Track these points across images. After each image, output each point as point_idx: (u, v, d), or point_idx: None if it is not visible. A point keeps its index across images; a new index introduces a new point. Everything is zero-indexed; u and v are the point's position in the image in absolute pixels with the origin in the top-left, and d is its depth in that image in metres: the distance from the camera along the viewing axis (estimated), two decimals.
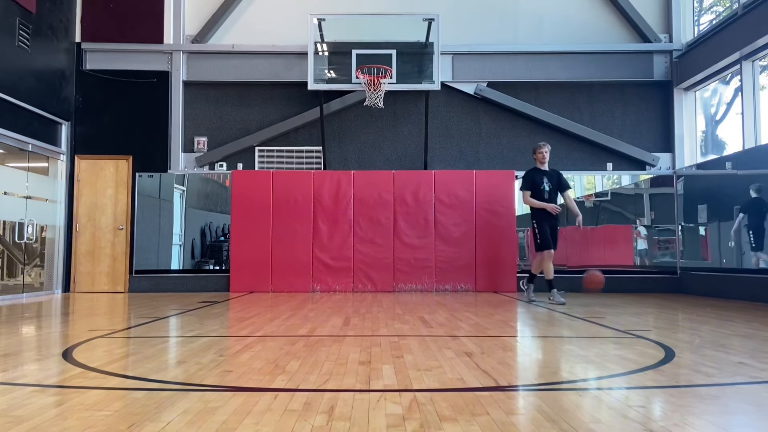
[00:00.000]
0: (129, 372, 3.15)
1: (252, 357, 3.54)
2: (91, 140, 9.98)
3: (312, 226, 9.67)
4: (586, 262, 10.01)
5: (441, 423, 2.16)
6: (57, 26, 9.54)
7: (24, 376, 3.03)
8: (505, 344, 4.16)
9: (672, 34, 10.19)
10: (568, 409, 2.36)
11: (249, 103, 10.32)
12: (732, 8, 8.99)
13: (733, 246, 8.28)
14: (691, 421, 2.20)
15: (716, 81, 9.61)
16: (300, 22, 9.83)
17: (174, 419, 2.21)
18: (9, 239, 8.57)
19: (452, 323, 5.30)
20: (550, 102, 10.28)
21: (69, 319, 5.93)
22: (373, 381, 2.87)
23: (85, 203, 9.90)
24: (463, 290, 9.58)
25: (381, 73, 9.36)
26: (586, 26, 10.34)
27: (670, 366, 3.27)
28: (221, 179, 10.06)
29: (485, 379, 2.91)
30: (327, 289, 9.55)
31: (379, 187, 9.69)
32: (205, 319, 5.76)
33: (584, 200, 10.31)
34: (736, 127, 8.90)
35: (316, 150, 10.16)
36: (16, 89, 8.44)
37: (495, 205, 9.73)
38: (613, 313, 6.20)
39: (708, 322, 5.49)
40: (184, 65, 10.18)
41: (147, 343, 4.21)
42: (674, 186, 9.91)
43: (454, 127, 10.31)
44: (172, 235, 9.98)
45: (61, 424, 2.15)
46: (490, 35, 10.31)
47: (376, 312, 6.32)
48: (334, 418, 2.23)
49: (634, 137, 10.23)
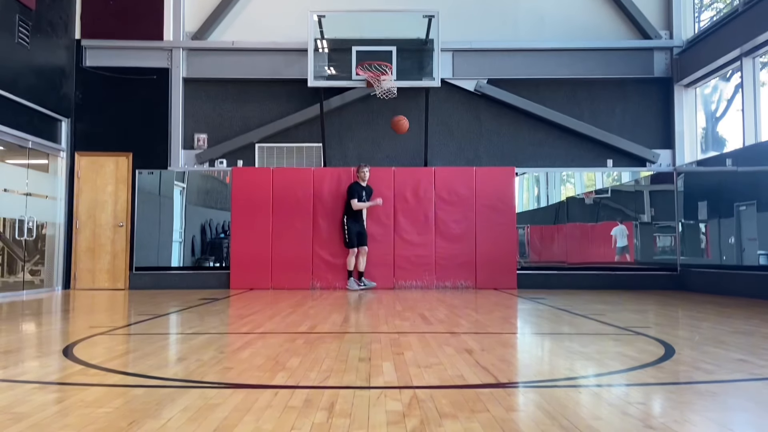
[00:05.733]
0: (129, 369, 3.15)
1: (252, 354, 3.54)
2: (91, 137, 9.97)
3: (312, 222, 9.67)
4: (585, 259, 10.02)
5: (441, 420, 2.17)
6: (57, 23, 9.53)
7: (24, 373, 3.03)
8: (505, 341, 4.16)
9: (672, 31, 10.17)
10: (567, 406, 2.37)
11: (249, 100, 10.31)
12: (732, 5, 8.97)
13: (733, 242, 8.28)
14: (690, 418, 2.20)
15: (717, 78, 9.60)
16: (300, 18, 9.81)
17: (174, 416, 2.22)
18: (9, 236, 8.57)
19: (452, 320, 5.30)
20: (551, 99, 10.27)
21: (69, 316, 5.93)
22: (374, 378, 2.87)
23: (85, 200, 9.90)
24: (463, 287, 9.59)
25: (381, 69, 9.35)
26: (587, 23, 10.32)
27: (670, 363, 3.28)
28: (221, 176, 10.05)
29: (485, 376, 2.91)
30: (327, 286, 9.55)
31: (380, 184, 9.69)
32: (206, 316, 5.76)
33: (584, 197, 10.31)
34: (737, 123, 8.89)
35: (317, 147, 10.15)
36: (15, 86, 8.43)
37: (495, 201, 9.73)
38: (613, 310, 6.20)
39: (708, 318, 5.49)
40: (184, 62, 10.16)
41: (147, 340, 4.21)
42: (674, 183, 9.90)
43: (455, 123, 10.30)
44: (173, 232, 9.98)
45: (61, 421, 2.15)
46: (491, 32, 10.29)
47: (376, 309, 6.33)
48: (334, 414, 2.24)
49: (634, 134, 10.22)
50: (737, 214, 8.27)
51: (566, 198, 10.44)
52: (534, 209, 10.50)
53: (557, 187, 10.59)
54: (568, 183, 10.61)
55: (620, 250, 9.98)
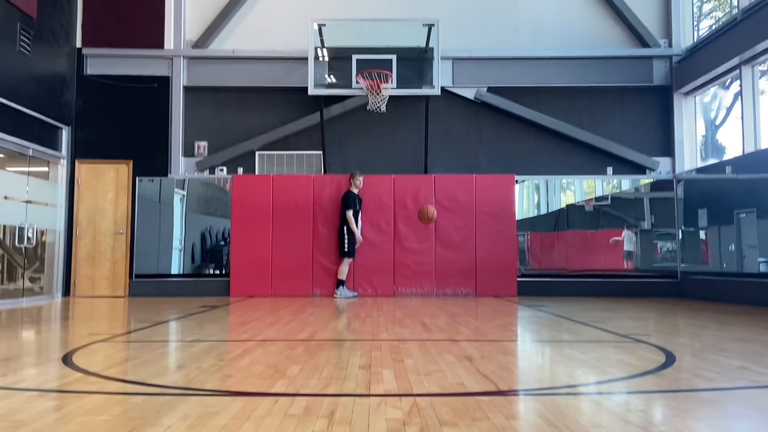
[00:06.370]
0: (129, 376, 3.14)
1: (252, 361, 3.54)
2: (92, 145, 9.98)
3: (312, 230, 9.67)
4: (585, 266, 10.02)
5: (441, 428, 2.16)
6: (58, 31, 9.57)
7: (24, 381, 3.03)
8: (506, 348, 4.16)
9: (672, 39, 10.21)
10: (568, 414, 2.36)
11: (249, 108, 10.33)
12: (731, 13, 9.01)
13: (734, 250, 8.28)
14: (691, 426, 2.19)
15: (716, 86, 9.63)
16: (300, 27, 9.85)
17: (174, 424, 2.21)
18: (9, 243, 8.57)
19: (452, 327, 5.29)
20: (551, 107, 10.29)
21: (69, 323, 5.92)
22: (374, 385, 2.87)
23: (85, 207, 9.90)
24: (463, 294, 9.57)
25: (381, 78, 9.38)
26: (586, 31, 10.36)
27: (671, 370, 3.27)
28: (221, 183, 10.06)
29: (486, 384, 2.90)
30: (327, 294, 9.54)
31: (380, 192, 9.70)
32: (205, 323, 5.75)
33: (584, 204, 10.32)
34: (736, 131, 8.90)
35: (317, 154, 10.16)
36: (17, 94, 8.45)
37: (495, 209, 9.73)
38: (614, 318, 6.19)
39: (708, 326, 5.48)
40: (184, 70, 10.20)
41: (147, 348, 4.20)
42: (674, 190, 9.91)
43: (455, 131, 10.32)
44: (173, 240, 9.98)
45: (60, 429, 2.15)
46: (491, 40, 10.33)
47: (376, 316, 6.32)
48: (334, 422, 2.23)
49: (634, 142, 10.24)
50: (737, 221, 8.27)
51: (566, 205, 10.45)
52: (534, 216, 10.51)
53: (557, 194, 10.61)
54: (568, 190, 10.62)
55: (627, 255, 9.99)
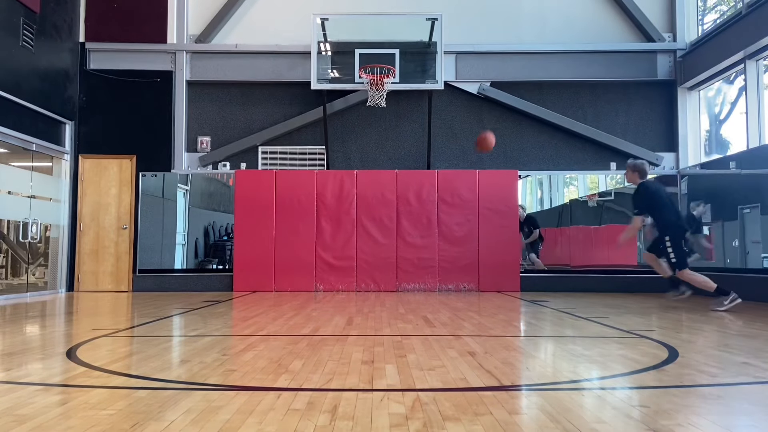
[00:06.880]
0: (132, 371, 3.15)
1: (255, 356, 3.54)
2: (95, 140, 10.00)
3: (315, 225, 9.68)
4: (589, 261, 10.00)
5: (444, 422, 2.16)
6: (61, 26, 9.56)
7: (28, 375, 3.04)
8: (508, 344, 4.15)
9: (676, 34, 10.16)
10: (571, 409, 2.36)
11: (252, 103, 10.33)
12: (736, 7, 8.96)
13: (737, 245, 8.25)
14: (694, 421, 2.19)
15: (720, 80, 9.58)
16: (303, 21, 9.84)
17: (177, 418, 2.22)
18: (13, 239, 8.59)
19: (455, 323, 5.30)
20: (554, 101, 10.27)
21: (73, 318, 5.94)
22: (376, 380, 2.87)
23: (88, 203, 9.92)
24: (466, 290, 9.58)
25: (384, 72, 9.36)
26: (590, 26, 10.32)
27: (674, 366, 3.27)
28: (224, 179, 10.07)
29: (488, 379, 2.91)
30: (330, 289, 9.55)
31: (383, 187, 9.70)
32: (209, 318, 5.77)
33: (587, 200, 10.30)
34: (740, 126, 8.87)
35: (320, 149, 10.16)
36: (20, 89, 8.46)
37: (498, 204, 9.72)
38: (617, 313, 6.19)
39: (711, 321, 5.47)
40: (187, 65, 10.19)
41: (150, 343, 4.21)
42: (678, 185, 9.88)
43: (458, 126, 10.30)
44: (176, 235, 10.00)
45: (64, 423, 2.16)
46: (494, 35, 10.30)
47: (379, 311, 6.32)
48: (337, 417, 2.23)
49: (637, 137, 10.21)
50: (741, 216, 8.25)
51: (569, 201, 10.43)
52: (537, 212, 10.49)
53: (560, 189, 10.58)
54: (571, 186, 10.60)
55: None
